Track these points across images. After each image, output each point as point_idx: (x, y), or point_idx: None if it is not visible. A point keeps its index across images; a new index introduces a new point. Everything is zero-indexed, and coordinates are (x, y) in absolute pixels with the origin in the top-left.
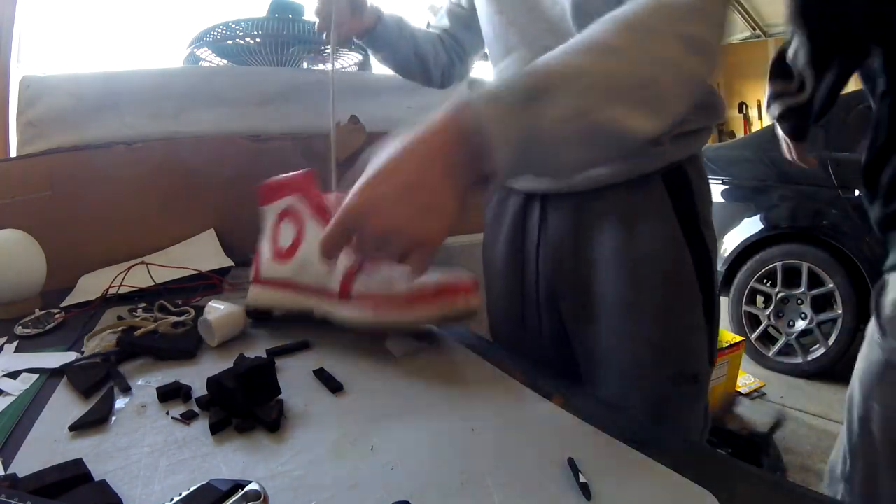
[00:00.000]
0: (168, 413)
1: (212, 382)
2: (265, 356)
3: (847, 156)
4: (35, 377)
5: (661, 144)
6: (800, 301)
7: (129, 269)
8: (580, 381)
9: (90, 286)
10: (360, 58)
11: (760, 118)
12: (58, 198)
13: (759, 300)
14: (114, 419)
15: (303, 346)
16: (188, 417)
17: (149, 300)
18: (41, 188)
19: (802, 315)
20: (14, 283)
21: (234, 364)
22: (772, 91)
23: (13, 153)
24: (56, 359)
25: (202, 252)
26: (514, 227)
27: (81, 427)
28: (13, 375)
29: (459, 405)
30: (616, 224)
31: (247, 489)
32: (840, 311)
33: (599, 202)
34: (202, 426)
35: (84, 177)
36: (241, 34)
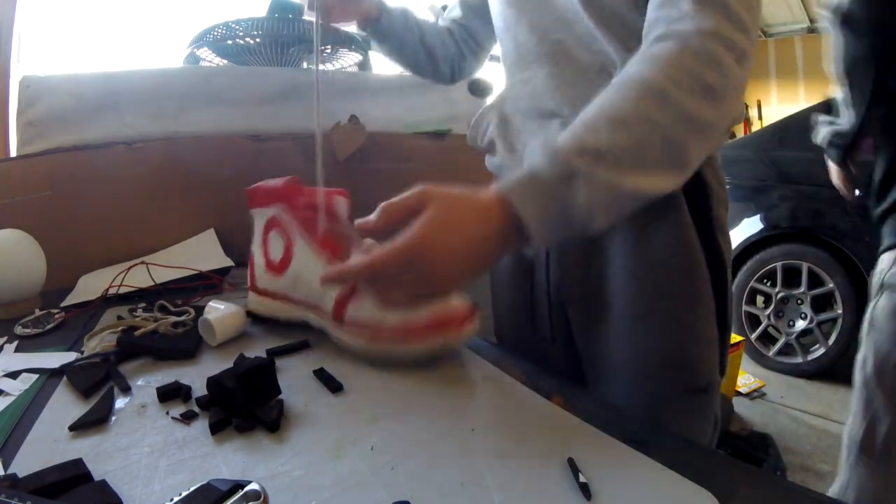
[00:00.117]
0: (168, 413)
1: (212, 382)
2: (265, 356)
3: None
4: (35, 377)
5: None
6: (800, 301)
7: (129, 269)
8: (586, 387)
9: (90, 286)
10: (360, 58)
11: (760, 118)
12: (58, 198)
13: (759, 300)
14: (114, 419)
15: (303, 346)
16: (188, 417)
17: (149, 300)
18: (41, 188)
19: (802, 315)
20: (14, 283)
21: (234, 364)
22: (820, 119)
23: (13, 153)
24: (56, 359)
25: (202, 252)
26: None
27: (81, 427)
28: (13, 375)
29: (459, 405)
30: (628, 228)
31: (247, 489)
32: (840, 311)
33: None
34: (202, 426)
35: (84, 177)
36: (241, 34)
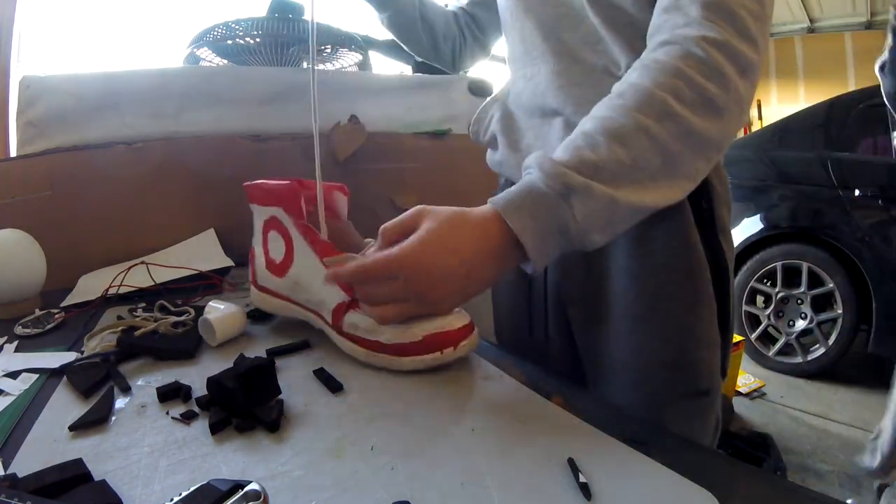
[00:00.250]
0: (168, 413)
1: (212, 382)
2: (265, 356)
3: (847, 156)
4: (35, 377)
5: None
6: (800, 301)
7: (129, 269)
8: (587, 388)
9: (90, 286)
10: (360, 58)
11: (760, 118)
12: (58, 198)
13: (759, 300)
14: (114, 419)
15: (303, 346)
16: (188, 417)
17: (149, 300)
18: (41, 188)
19: (802, 315)
20: (14, 283)
21: (234, 364)
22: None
23: (13, 153)
24: (56, 359)
25: (202, 252)
26: None
27: (81, 427)
28: (13, 375)
29: (459, 405)
30: (631, 230)
31: (247, 489)
32: (840, 311)
33: None
34: (202, 426)
35: (84, 177)
36: (241, 34)
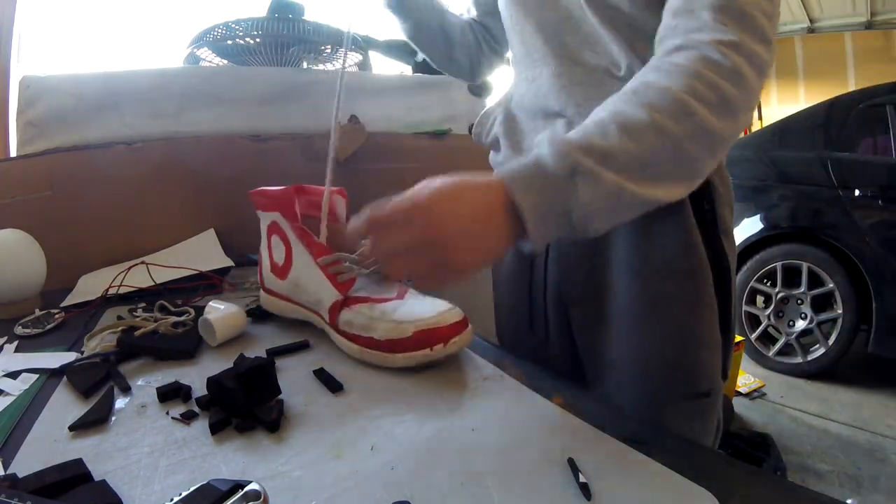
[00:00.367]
0: (168, 413)
1: (212, 382)
2: (265, 356)
3: (847, 156)
4: (35, 377)
5: None
6: (800, 301)
7: (129, 269)
8: (587, 388)
9: (90, 286)
10: (360, 58)
11: (760, 118)
12: (58, 198)
13: (759, 300)
14: (114, 419)
15: (303, 346)
16: (188, 417)
17: (149, 300)
18: (41, 188)
19: (802, 315)
20: (14, 283)
21: (234, 364)
22: None
23: (13, 153)
24: (56, 359)
25: (202, 252)
26: None
27: (81, 427)
28: (13, 375)
29: (459, 405)
30: (632, 229)
31: (247, 489)
32: (840, 311)
33: None
34: (202, 426)
35: (84, 177)
36: (241, 34)
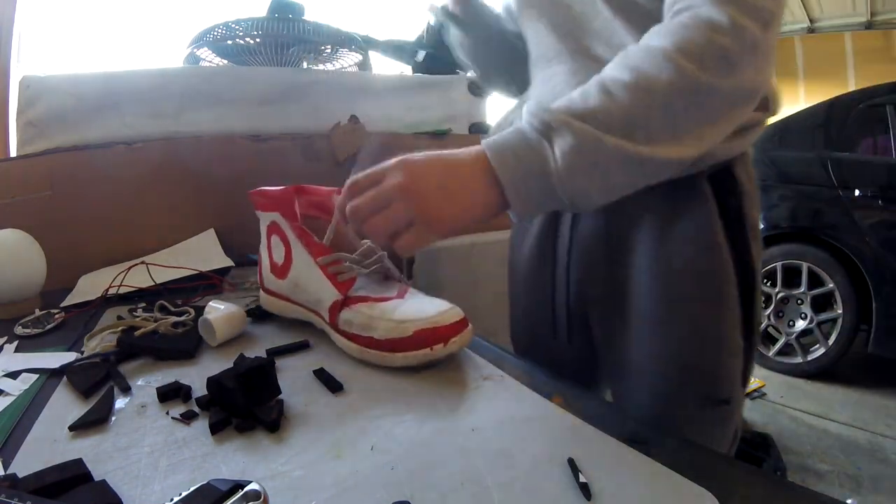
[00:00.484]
0: (168, 413)
1: (212, 382)
2: (265, 356)
3: (847, 156)
4: (35, 377)
5: None
6: (800, 301)
7: (129, 269)
8: (595, 389)
9: (90, 286)
10: (360, 58)
11: None
12: (58, 198)
13: None
14: (114, 419)
15: (303, 346)
16: (188, 417)
17: (149, 300)
18: (41, 188)
19: (802, 315)
20: (14, 283)
21: (234, 364)
22: None
23: (13, 153)
24: (56, 359)
25: (202, 252)
26: (545, 227)
27: (81, 427)
28: (13, 375)
29: (459, 405)
30: (654, 227)
31: (247, 489)
32: (840, 311)
33: (637, 202)
34: (202, 426)
35: (84, 177)
36: (241, 34)
